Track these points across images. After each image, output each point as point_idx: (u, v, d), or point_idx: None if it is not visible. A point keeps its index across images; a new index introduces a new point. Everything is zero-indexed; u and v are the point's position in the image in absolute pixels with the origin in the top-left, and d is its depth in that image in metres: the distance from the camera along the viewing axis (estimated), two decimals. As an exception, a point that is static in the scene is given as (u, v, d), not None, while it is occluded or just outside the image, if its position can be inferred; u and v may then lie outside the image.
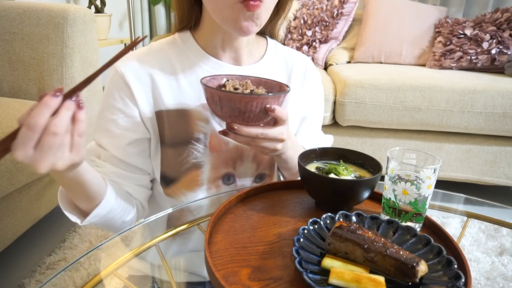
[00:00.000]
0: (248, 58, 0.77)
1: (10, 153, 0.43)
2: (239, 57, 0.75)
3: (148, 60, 0.72)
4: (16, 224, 1.18)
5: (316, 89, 0.86)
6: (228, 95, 0.58)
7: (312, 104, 0.86)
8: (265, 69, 0.78)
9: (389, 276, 0.44)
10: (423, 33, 2.18)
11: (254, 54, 0.78)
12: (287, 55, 0.83)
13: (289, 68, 0.82)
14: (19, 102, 1.29)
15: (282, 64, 0.82)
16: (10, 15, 1.37)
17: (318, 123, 0.89)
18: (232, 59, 0.75)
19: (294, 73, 0.82)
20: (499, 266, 1.36)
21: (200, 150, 0.74)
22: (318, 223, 0.53)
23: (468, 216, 0.76)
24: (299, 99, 0.83)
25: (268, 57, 0.80)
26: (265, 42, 0.82)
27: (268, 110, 0.59)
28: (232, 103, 0.58)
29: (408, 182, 0.54)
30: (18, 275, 1.25)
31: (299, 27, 2.34)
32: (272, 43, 0.83)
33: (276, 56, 0.82)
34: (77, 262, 0.58)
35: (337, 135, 1.87)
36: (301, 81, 0.83)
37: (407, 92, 1.71)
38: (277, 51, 0.82)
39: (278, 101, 0.61)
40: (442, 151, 1.81)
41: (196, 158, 0.74)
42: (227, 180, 0.77)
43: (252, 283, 0.45)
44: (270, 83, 0.69)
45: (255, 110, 0.59)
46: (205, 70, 0.73)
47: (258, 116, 0.60)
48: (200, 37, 0.74)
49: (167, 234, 0.66)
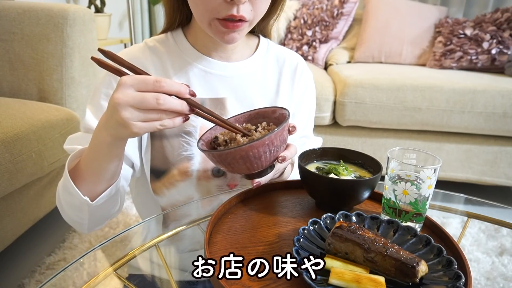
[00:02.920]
0: (238, 55, 0.79)
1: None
2: (228, 55, 0.78)
3: (142, 56, 0.75)
4: (16, 224, 1.18)
5: (307, 86, 0.87)
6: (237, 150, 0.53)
7: (301, 101, 0.86)
8: (255, 65, 0.81)
9: (389, 276, 0.44)
10: (423, 33, 2.18)
11: (244, 52, 0.80)
12: (278, 52, 0.85)
13: (280, 63, 0.84)
14: (19, 102, 1.29)
15: (273, 60, 0.84)
16: (10, 15, 1.37)
17: (307, 121, 0.89)
18: (221, 58, 0.78)
19: (285, 68, 0.84)
20: (499, 266, 1.35)
21: (190, 143, 0.75)
22: (318, 223, 0.53)
23: (468, 216, 0.75)
24: (289, 95, 0.84)
25: (259, 54, 0.82)
26: (256, 40, 0.84)
27: (282, 161, 0.58)
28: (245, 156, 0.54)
29: (408, 182, 0.54)
30: (18, 275, 1.25)
31: (299, 27, 2.34)
32: (265, 41, 0.84)
33: (268, 53, 0.83)
34: (77, 262, 0.58)
35: (337, 135, 1.87)
36: (292, 77, 0.84)
37: (407, 92, 1.70)
38: (268, 48, 0.84)
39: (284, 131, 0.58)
40: (442, 151, 1.81)
41: (186, 151, 0.76)
42: (217, 172, 0.78)
43: (252, 283, 0.44)
44: (258, 112, 0.65)
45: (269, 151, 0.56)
46: (195, 68, 0.76)
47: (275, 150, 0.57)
48: (191, 35, 0.77)
49: (167, 234, 0.66)
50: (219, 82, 0.77)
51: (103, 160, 0.58)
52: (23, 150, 1.09)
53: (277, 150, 0.57)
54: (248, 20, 0.65)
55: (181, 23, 0.78)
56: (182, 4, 0.73)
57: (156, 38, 0.78)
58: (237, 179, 0.79)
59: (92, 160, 0.59)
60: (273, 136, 0.54)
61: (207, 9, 0.63)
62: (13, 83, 1.42)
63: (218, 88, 0.77)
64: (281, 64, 0.84)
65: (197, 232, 0.70)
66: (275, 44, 0.86)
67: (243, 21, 0.64)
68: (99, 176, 0.60)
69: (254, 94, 0.79)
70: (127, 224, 1.56)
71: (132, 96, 0.48)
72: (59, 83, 1.40)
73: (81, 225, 0.67)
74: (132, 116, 0.48)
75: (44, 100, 1.42)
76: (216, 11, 0.63)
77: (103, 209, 0.65)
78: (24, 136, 1.10)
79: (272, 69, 0.83)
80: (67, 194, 0.63)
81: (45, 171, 1.21)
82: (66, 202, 0.65)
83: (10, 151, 1.04)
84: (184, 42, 0.77)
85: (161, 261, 0.64)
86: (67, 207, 0.66)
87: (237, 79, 0.78)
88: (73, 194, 0.60)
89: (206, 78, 0.76)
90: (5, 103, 1.22)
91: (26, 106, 1.25)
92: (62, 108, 1.37)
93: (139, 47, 0.77)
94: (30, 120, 1.15)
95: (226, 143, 0.59)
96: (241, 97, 0.78)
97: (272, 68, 0.83)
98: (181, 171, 0.76)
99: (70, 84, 1.42)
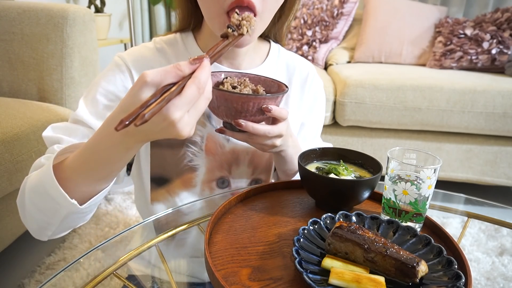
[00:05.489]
0: (248, 64, 0.76)
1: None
2: (239, 62, 0.74)
3: (150, 56, 0.72)
4: (16, 224, 1.18)
5: (317, 95, 0.84)
6: (224, 94, 0.58)
7: (312, 110, 0.84)
8: (266, 72, 0.77)
9: (389, 276, 0.44)
10: (423, 33, 2.18)
11: (254, 59, 0.77)
12: (289, 59, 0.82)
13: (290, 72, 0.81)
14: (18, 102, 1.29)
15: (283, 68, 0.81)
16: (10, 15, 1.37)
17: (317, 130, 0.87)
18: (232, 65, 0.74)
19: (295, 77, 0.81)
20: (499, 266, 1.35)
21: (196, 153, 0.74)
22: (318, 223, 0.53)
23: (468, 216, 0.75)
24: (298, 104, 0.82)
25: (269, 62, 0.78)
26: (267, 47, 0.80)
27: (264, 110, 0.58)
28: (228, 103, 0.58)
29: (408, 182, 0.54)
30: (18, 275, 1.25)
31: (299, 27, 2.34)
32: (276, 47, 0.81)
33: (278, 61, 0.80)
34: (77, 262, 0.58)
35: (337, 135, 1.87)
36: (302, 86, 0.81)
37: (407, 92, 1.70)
38: (279, 56, 0.81)
39: (276, 102, 0.60)
40: (442, 151, 1.81)
41: (191, 161, 0.74)
42: (221, 183, 0.77)
43: (252, 283, 0.44)
44: (269, 82, 0.68)
45: (252, 110, 0.58)
46: None
47: (255, 115, 0.60)
48: (201, 39, 0.74)
49: (167, 234, 0.66)
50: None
51: (114, 163, 0.52)
52: (23, 150, 1.09)
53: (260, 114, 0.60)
54: (258, 11, 0.61)
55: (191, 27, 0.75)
56: (196, 7, 0.70)
57: (164, 39, 0.75)
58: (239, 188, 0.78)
59: (94, 163, 0.52)
60: (270, 98, 0.59)
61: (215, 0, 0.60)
62: (13, 83, 1.42)
63: None
64: (291, 72, 0.81)
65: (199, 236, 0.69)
66: (286, 50, 0.83)
67: (252, 10, 0.60)
68: (95, 181, 0.54)
69: None
70: (127, 224, 1.56)
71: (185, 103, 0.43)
72: (59, 83, 1.40)
73: (43, 231, 0.59)
74: (188, 123, 0.44)
75: (44, 100, 1.42)
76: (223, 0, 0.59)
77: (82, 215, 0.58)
78: (24, 136, 1.10)
79: (282, 77, 0.80)
80: (39, 196, 0.55)
81: (45, 171, 1.21)
82: (35, 204, 0.57)
83: (10, 151, 1.04)
84: (194, 46, 0.73)
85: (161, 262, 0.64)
86: (34, 210, 0.57)
87: None
88: (50, 195, 0.52)
89: None
90: (5, 103, 1.22)
91: (26, 106, 1.25)
92: (62, 108, 1.37)
93: (148, 47, 0.73)
94: (30, 120, 1.15)
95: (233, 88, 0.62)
96: None
97: (282, 76, 0.80)
98: (185, 181, 0.75)
99: (70, 84, 1.42)
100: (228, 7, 0.60)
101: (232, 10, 0.59)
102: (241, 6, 0.59)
